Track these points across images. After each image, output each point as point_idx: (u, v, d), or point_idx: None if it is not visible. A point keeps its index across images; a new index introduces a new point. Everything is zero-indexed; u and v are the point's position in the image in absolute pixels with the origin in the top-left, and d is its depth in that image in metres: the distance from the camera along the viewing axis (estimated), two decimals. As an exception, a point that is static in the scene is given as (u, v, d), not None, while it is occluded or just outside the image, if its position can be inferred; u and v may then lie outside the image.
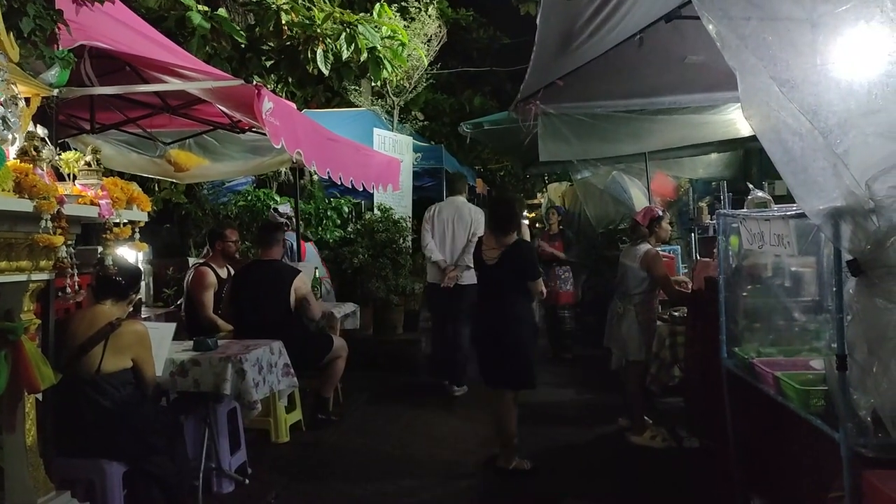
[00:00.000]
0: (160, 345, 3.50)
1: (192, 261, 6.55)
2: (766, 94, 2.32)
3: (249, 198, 7.97)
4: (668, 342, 4.85)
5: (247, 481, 4.17)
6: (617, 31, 4.13)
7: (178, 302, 6.31)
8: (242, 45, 6.44)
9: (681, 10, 4.07)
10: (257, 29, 6.48)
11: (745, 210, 3.69)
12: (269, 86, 6.23)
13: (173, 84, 3.27)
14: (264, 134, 5.29)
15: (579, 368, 7.27)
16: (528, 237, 6.59)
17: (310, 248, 6.71)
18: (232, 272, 5.53)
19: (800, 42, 2.32)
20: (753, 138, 7.40)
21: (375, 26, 6.18)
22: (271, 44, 6.52)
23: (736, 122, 6.93)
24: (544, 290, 4.74)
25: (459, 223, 6.36)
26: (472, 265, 5.44)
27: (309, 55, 6.09)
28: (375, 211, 8.01)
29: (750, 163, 9.26)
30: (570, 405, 5.87)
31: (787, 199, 6.54)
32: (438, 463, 4.68)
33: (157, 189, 7.44)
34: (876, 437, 2.09)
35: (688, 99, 5.68)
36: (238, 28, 6.04)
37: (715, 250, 6.50)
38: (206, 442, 3.87)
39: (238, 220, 7.90)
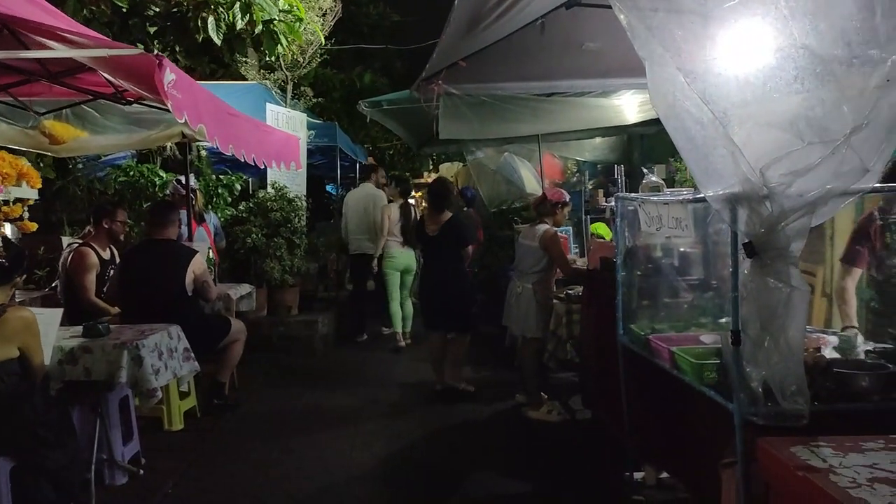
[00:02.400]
0: (47, 331, 3.25)
1: (66, 240, 6.12)
2: (671, 83, 2.42)
3: (132, 173, 7.50)
4: (565, 320, 5.04)
5: (141, 472, 4.00)
6: (522, 15, 4.20)
7: (53, 284, 5.91)
8: (124, 10, 6.02)
9: (581, -4, 4.17)
10: (142, -9, 6.06)
11: (641, 194, 3.87)
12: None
13: (61, 51, 3.01)
14: (152, 106, 5.05)
15: (475, 346, 7.40)
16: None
17: (200, 230, 6.43)
18: (115, 253, 5.22)
19: (702, 35, 2.43)
20: (637, 124, 7.83)
21: (272, -3, 5.93)
22: (157, 8, 6.12)
23: (623, 108, 7.25)
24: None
25: (369, 204, 7.93)
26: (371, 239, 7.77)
27: (199, 23, 5.77)
28: (269, 189, 7.77)
29: (632, 147, 9.73)
30: (468, 383, 5.97)
31: (666, 182, 6.93)
32: (340, 443, 4.67)
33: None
34: (766, 407, 2.25)
35: (583, 84, 5.86)
36: (119, -11, 5.63)
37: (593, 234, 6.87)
38: (98, 432, 3.65)
39: (118, 195, 7.44)
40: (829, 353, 2.83)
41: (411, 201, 8.79)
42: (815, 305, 4.91)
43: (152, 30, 6.25)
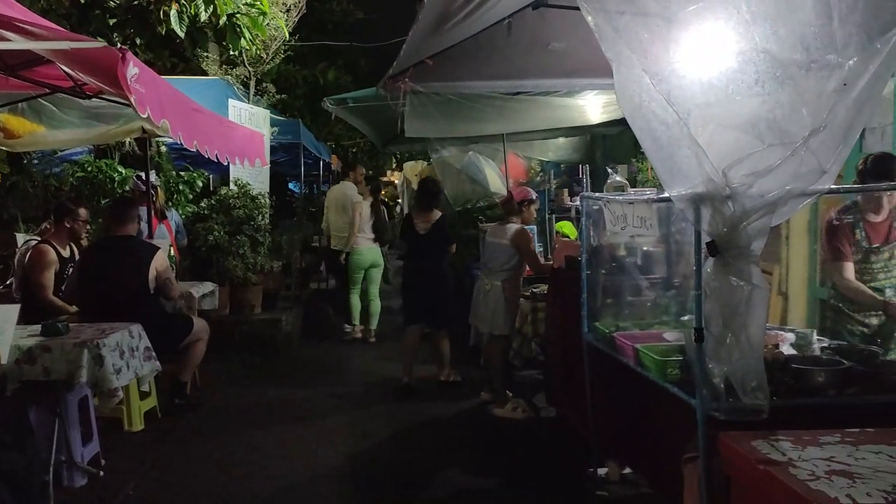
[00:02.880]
0: (3, 329, 3.16)
1: (21, 237, 5.96)
2: (638, 85, 2.46)
3: (89, 168, 7.32)
4: (530, 318, 5.08)
5: (101, 473, 3.91)
6: (489, 15, 4.22)
7: (8, 282, 5.76)
8: (82, 1, 5.89)
9: (547, -3, 4.20)
10: (102, -17, 5.95)
11: (606, 193, 3.93)
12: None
13: (20, 42, 2.92)
14: (112, 100, 4.94)
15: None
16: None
17: (161, 227, 6.32)
18: (76, 251, 5.10)
19: (667, 38, 2.48)
20: (600, 125, 7.92)
21: (236, -11, 5.87)
22: (117, 0, 6.01)
23: (587, 108, 7.32)
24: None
25: (347, 201, 8.12)
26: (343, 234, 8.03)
27: (161, 15, 5.68)
28: (232, 186, 7.66)
29: (595, 148, 9.85)
30: (433, 381, 5.98)
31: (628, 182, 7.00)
32: (305, 441, 4.64)
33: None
34: (727, 402, 2.30)
35: (548, 84, 5.91)
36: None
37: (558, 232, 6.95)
38: (56, 433, 3.56)
39: (74, 191, 7.26)
40: (786, 349, 2.91)
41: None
42: (771, 303, 5.04)
43: (112, 22, 6.14)
